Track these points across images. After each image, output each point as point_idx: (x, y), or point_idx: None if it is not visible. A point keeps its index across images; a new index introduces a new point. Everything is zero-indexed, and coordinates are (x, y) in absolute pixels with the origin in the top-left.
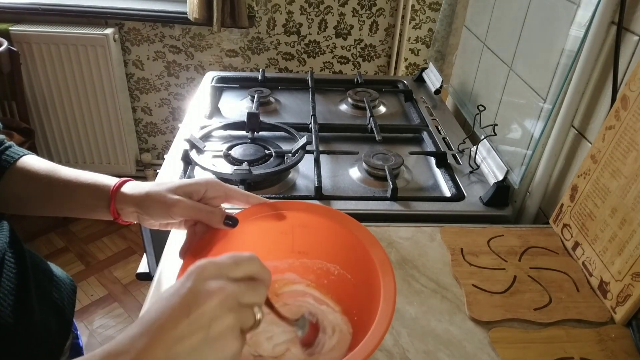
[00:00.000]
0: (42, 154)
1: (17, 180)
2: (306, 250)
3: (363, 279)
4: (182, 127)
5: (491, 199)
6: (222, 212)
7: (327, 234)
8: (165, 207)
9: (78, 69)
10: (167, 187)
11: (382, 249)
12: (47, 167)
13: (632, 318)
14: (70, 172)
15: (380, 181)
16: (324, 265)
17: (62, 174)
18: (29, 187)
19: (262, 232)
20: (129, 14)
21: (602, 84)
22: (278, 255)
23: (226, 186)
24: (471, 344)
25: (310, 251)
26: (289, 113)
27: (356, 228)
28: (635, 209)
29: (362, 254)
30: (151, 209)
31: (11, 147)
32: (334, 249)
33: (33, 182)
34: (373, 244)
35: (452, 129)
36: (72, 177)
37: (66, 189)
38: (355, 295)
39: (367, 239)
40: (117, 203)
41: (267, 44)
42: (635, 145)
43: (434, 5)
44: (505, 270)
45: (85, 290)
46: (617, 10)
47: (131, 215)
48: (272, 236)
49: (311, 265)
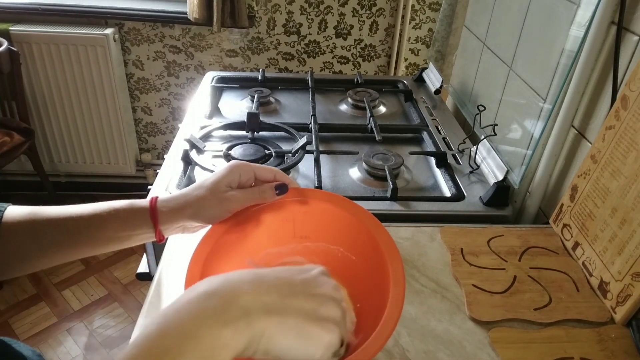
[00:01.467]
0: (42, 154)
1: (17, 237)
2: (308, 235)
3: (368, 262)
4: (182, 127)
5: (491, 199)
6: (271, 186)
7: (328, 217)
8: (223, 206)
9: (78, 69)
10: (210, 188)
11: (386, 232)
12: (46, 211)
13: (632, 318)
14: (81, 209)
15: (380, 181)
16: (327, 248)
17: (73, 214)
18: (36, 240)
19: (263, 222)
20: (129, 14)
21: (602, 84)
22: (281, 242)
23: (253, 165)
24: (471, 344)
25: (312, 235)
26: (289, 113)
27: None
28: (635, 209)
29: (366, 236)
30: (208, 212)
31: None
32: (337, 232)
33: (39, 233)
34: (377, 227)
35: (452, 129)
36: (88, 213)
37: (88, 227)
38: (359, 278)
39: (371, 222)
40: (162, 224)
41: (267, 44)
42: (635, 145)
43: (434, 5)
44: (505, 270)
45: (85, 290)
46: (617, 10)
47: (175, 230)
48: (274, 225)
49: (314, 248)
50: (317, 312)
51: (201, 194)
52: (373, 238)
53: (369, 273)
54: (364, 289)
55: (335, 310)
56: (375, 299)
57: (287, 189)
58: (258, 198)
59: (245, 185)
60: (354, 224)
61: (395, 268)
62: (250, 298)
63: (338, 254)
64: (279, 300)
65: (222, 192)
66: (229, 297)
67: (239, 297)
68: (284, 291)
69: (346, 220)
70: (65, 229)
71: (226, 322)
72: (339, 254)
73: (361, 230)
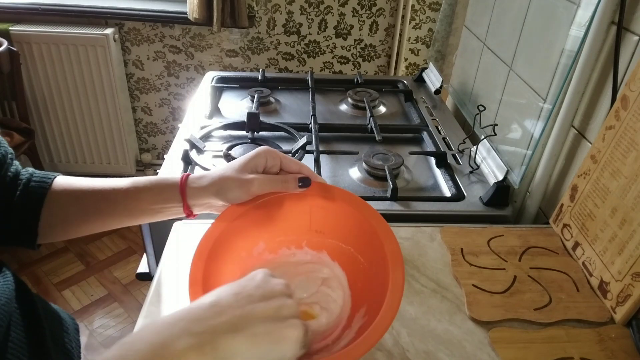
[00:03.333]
0: (42, 154)
1: (63, 202)
2: (323, 230)
3: (374, 267)
4: (182, 127)
5: (491, 199)
6: (295, 177)
7: (344, 217)
8: (244, 187)
9: (78, 69)
10: (236, 168)
11: (396, 242)
12: (90, 182)
13: (632, 318)
14: (120, 182)
15: (380, 181)
16: (337, 245)
17: (113, 185)
18: (79, 205)
19: (281, 209)
20: (129, 14)
21: (602, 84)
22: (295, 232)
23: (280, 154)
24: (471, 344)
25: (327, 231)
26: (289, 113)
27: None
28: (635, 209)
29: (376, 243)
30: (230, 192)
31: (34, 173)
32: (350, 232)
33: (83, 199)
34: (388, 235)
35: (452, 129)
36: (126, 185)
37: (125, 198)
38: (364, 279)
39: (383, 229)
40: (190, 199)
41: (267, 44)
42: (635, 145)
43: (434, 5)
44: (505, 270)
45: (85, 290)
46: (617, 10)
47: (202, 207)
48: (291, 215)
49: (326, 243)
50: (279, 313)
51: (226, 174)
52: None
53: (373, 276)
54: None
55: (292, 306)
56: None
57: (310, 183)
58: (280, 186)
59: (270, 171)
60: (367, 229)
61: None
62: (215, 322)
63: (348, 253)
64: (242, 315)
65: (245, 174)
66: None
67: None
68: (243, 305)
69: (361, 224)
70: (105, 198)
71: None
72: (349, 253)
73: (373, 235)
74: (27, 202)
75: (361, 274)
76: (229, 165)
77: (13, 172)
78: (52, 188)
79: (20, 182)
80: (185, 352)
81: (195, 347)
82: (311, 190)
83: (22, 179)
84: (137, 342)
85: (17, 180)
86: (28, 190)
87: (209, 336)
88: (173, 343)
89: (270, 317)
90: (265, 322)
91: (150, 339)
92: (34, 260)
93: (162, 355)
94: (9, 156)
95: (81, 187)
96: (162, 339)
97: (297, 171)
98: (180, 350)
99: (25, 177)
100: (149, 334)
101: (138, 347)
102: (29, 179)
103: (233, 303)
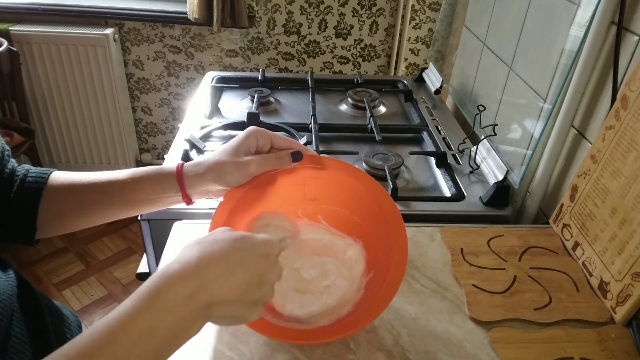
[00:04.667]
0: (42, 154)
1: (60, 196)
2: (317, 197)
3: (372, 226)
4: (182, 127)
5: (491, 199)
6: (287, 152)
7: (336, 183)
8: (241, 170)
9: (78, 69)
10: (230, 152)
11: (391, 200)
12: (86, 175)
13: (632, 318)
14: (117, 174)
15: (380, 181)
16: (332, 209)
17: (110, 178)
18: (77, 199)
19: (275, 186)
20: (129, 14)
21: (602, 84)
22: (291, 203)
23: (270, 133)
24: (471, 344)
25: (321, 198)
26: (289, 113)
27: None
28: (635, 209)
29: (372, 201)
30: (228, 176)
31: (30, 169)
32: (344, 196)
33: (80, 193)
34: (383, 194)
35: (452, 129)
36: (123, 177)
37: (123, 189)
38: (364, 236)
39: (377, 189)
40: (189, 188)
41: (267, 44)
42: (635, 145)
43: (434, 5)
44: (505, 270)
45: (85, 290)
46: (617, 10)
47: (200, 193)
48: (286, 189)
49: (321, 209)
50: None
51: (222, 159)
52: (379, 203)
53: (373, 235)
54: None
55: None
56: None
57: (302, 157)
58: (275, 164)
59: (262, 150)
60: (361, 190)
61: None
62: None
63: (343, 216)
64: None
65: (241, 157)
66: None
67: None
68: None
69: (353, 187)
70: (103, 191)
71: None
72: (344, 216)
73: (368, 195)
74: (24, 198)
75: (360, 233)
76: (222, 150)
77: (10, 169)
78: (48, 183)
79: (17, 179)
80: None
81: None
82: (303, 163)
83: (18, 175)
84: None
85: (13, 176)
86: (25, 187)
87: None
88: None
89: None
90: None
91: None
92: (34, 260)
93: None
94: (6, 153)
95: (78, 181)
96: None
97: (287, 147)
98: None
99: (21, 174)
100: None
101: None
102: (25, 175)
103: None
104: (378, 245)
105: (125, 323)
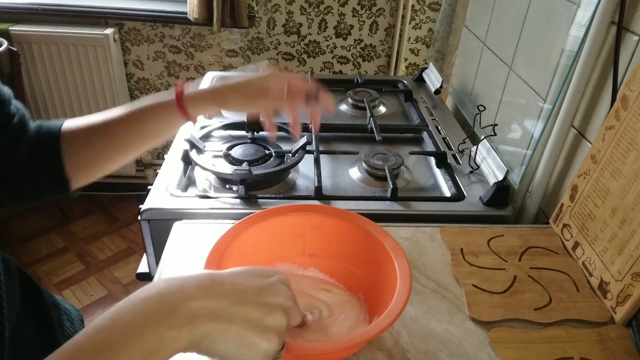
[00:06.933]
0: None
1: (76, 147)
2: (317, 253)
3: (374, 269)
4: (182, 127)
5: (491, 199)
6: (302, 91)
7: (337, 234)
8: (246, 101)
9: (78, 69)
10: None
11: (393, 239)
12: (93, 118)
13: (632, 318)
14: (123, 111)
15: (380, 181)
16: (333, 265)
17: (118, 117)
18: (92, 147)
19: (274, 235)
20: (129, 14)
21: (602, 84)
22: (290, 257)
23: (287, 76)
24: (471, 344)
25: (321, 253)
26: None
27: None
28: (635, 209)
29: (373, 245)
30: (230, 102)
31: (43, 122)
32: (344, 248)
33: (93, 140)
34: (384, 235)
35: (452, 129)
36: (128, 113)
37: (130, 127)
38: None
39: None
40: (188, 103)
41: (267, 44)
42: (635, 145)
43: (434, 5)
44: (505, 270)
45: (85, 290)
46: (617, 10)
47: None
48: (284, 239)
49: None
50: (262, 321)
51: (227, 86)
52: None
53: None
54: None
55: (280, 319)
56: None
57: (317, 100)
58: (286, 101)
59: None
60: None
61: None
62: (201, 304)
63: (345, 270)
64: (228, 308)
65: (250, 91)
66: (181, 301)
67: (189, 302)
68: (235, 298)
69: (355, 233)
70: (112, 133)
71: (171, 326)
72: (345, 270)
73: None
74: (43, 154)
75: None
76: (232, 80)
77: (32, 130)
78: (61, 133)
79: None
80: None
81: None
82: (303, 210)
83: (30, 133)
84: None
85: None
86: (41, 136)
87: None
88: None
89: (251, 321)
90: (243, 325)
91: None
92: (34, 260)
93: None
94: (26, 117)
95: (89, 127)
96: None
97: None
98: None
99: (33, 131)
100: None
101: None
102: (37, 131)
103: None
104: (380, 298)
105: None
